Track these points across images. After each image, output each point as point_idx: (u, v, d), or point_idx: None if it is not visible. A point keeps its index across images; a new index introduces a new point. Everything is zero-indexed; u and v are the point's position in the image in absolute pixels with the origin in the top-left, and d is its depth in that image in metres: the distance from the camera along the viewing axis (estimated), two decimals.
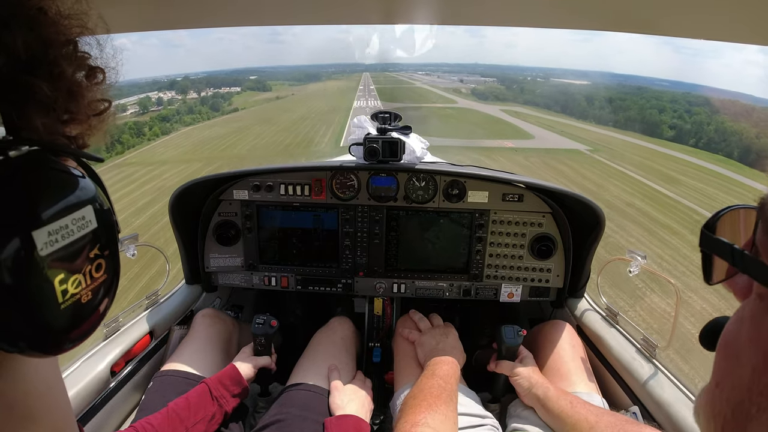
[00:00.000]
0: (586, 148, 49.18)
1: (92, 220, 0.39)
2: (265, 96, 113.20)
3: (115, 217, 0.43)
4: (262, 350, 1.43)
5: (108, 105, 0.44)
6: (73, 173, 0.39)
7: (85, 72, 0.41)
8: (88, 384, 1.20)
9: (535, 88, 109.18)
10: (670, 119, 70.62)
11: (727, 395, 0.35)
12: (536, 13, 0.98)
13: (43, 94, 0.36)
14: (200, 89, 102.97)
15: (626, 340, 1.42)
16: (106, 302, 0.42)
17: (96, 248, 0.39)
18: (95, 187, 0.40)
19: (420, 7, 1.03)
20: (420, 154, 1.61)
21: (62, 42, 0.38)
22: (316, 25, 1.19)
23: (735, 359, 0.35)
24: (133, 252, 1.45)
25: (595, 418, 1.06)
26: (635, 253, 1.41)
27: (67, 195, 0.37)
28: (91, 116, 0.42)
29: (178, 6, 0.92)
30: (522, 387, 1.27)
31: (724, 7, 0.72)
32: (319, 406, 1.27)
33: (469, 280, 1.74)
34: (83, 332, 0.39)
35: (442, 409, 1.01)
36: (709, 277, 0.40)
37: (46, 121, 0.37)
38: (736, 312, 0.37)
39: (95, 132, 0.44)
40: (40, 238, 0.33)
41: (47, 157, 0.37)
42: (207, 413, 1.17)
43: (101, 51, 0.42)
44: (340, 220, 1.70)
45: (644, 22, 0.93)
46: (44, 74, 0.36)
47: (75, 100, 0.40)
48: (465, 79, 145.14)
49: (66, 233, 0.36)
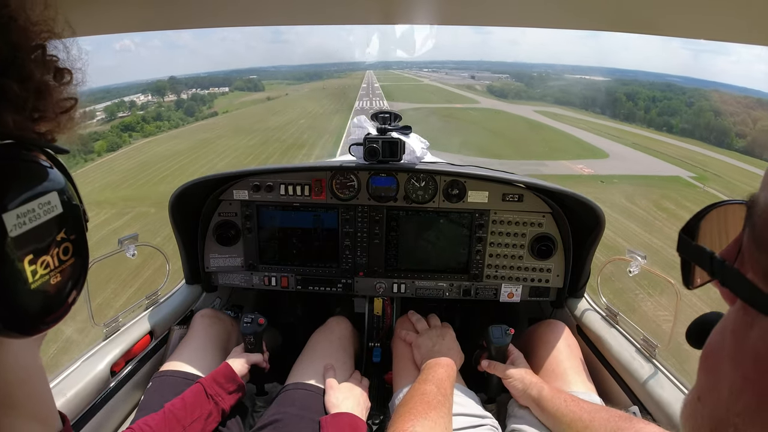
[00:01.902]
0: (689, 174, 36.81)
1: (57, 205, 0.42)
2: (255, 97, 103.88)
3: (82, 206, 0.46)
4: (252, 348, 1.44)
5: (74, 102, 0.47)
6: (40, 163, 0.42)
7: (53, 73, 0.44)
8: (88, 384, 1.20)
9: (553, 84, 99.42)
10: (733, 125, 60.39)
11: (708, 411, 0.34)
12: (536, 13, 0.98)
13: (14, 93, 0.39)
14: (180, 91, 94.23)
15: (626, 340, 1.42)
16: (77, 285, 0.45)
17: (62, 232, 0.42)
18: (62, 177, 0.43)
19: (420, 7, 1.03)
20: (420, 154, 1.61)
21: (32, 47, 0.41)
22: (316, 25, 1.19)
23: (716, 375, 0.34)
24: (133, 252, 1.45)
25: (589, 416, 1.07)
26: (635, 253, 1.40)
27: (35, 182, 0.40)
28: (59, 114, 0.45)
29: (178, 6, 0.92)
30: (516, 389, 1.27)
31: (724, 7, 0.71)
32: (317, 405, 1.27)
33: (469, 280, 1.74)
34: (56, 314, 0.42)
35: (432, 415, 1.01)
36: (688, 282, 0.38)
37: (17, 118, 0.40)
38: (722, 320, 0.35)
39: (64, 129, 0.47)
40: (9, 220, 0.36)
41: (17, 149, 0.40)
42: (203, 412, 1.17)
43: (68, 53, 0.46)
44: (340, 220, 1.70)
45: (644, 22, 0.93)
46: (15, 76, 0.39)
47: (44, 99, 0.43)
48: (477, 75, 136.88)
49: (33, 216, 0.38)
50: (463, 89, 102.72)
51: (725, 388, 0.32)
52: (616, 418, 1.04)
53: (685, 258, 0.38)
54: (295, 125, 59.79)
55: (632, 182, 32.33)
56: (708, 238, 0.38)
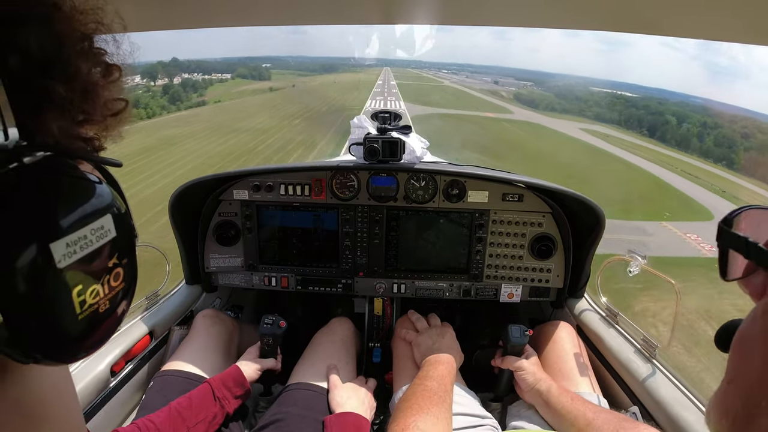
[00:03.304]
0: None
1: (111, 229, 0.37)
2: (256, 86, 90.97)
3: (132, 221, 0.42)
4: (269, 350, 1.43)
5: (125, 104, 0.42)
6: (90, 179, 0.37)
7: (101, 69, 0.39)
8: (88, 384, 1.20)
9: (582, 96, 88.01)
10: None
11: (739, 391, 0.35)
12: (536, 13, 0.98)
13: (59, 96, 0.34)
14: (174, 75, 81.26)
15: (626, 340, 1.42)
16: (123, 308, 0.41)
17: (114, 257, 0.38)
18: (113, 193, 0.39)
19: (420, 7, 1.03)
20: (420, 154, 1.61)
21: (77, 38, 0.36)
22: (316, 25, 1.19)
23: (748, 355, 0.36)
24: None
25: (592, 415, 1.07)
26: (635, 253, 1.40)
27: (86, 203, 0.35)
28: (107, 116, 0.41)
29: (178, 5, 0.92)
30: (526, 382, 1.28)
31: (724, 7, 0.71)
32: (319, 405, 1.27)
33: (469, 280, 1.74)
34: (100, 340, 0.39)
35: (433, 411, 1.01)
36: (724, 273, 0.40)
37: (62, 124, 0.36)
38: (751, 311, 0.37)
39: (111, 132, 0.43)
40: (58, 250, 0.32)
41: (63, 162, 0.36)
42: (209, 414, 1.17)
43: (118, 48, 0.41)
44: (340, 220, 1.70)
45: (644, 22, 0.93)
46: (59, 74, 0.35)
47: (91, 99, 0.38)
48: (500, 80, 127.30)
49: (84, 244, 0.34)
50: (488, 95, 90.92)
51: (757, 365, 0.33)
52: (619, 419, 1.04)
53: (723, 247, 0.40)
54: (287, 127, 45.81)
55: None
56: (744, 231, 0.39)
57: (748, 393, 0.34)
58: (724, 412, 0.37)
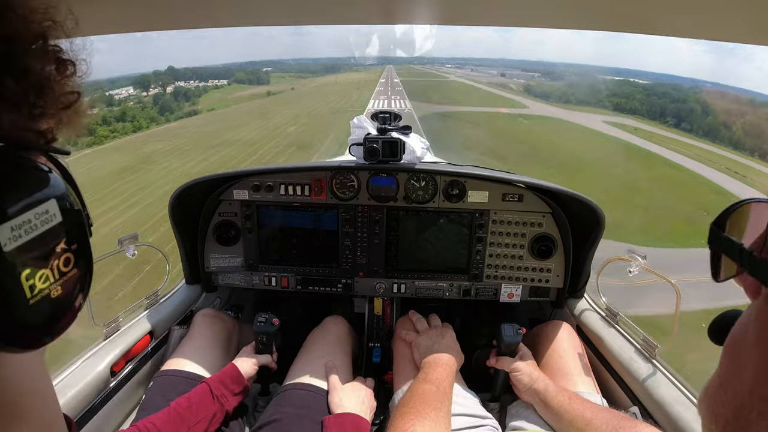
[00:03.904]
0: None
1: (57, 214, 0.38)
2: (253, 91, 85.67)
3: (86, 211, 0.43)
4: (263, 348, 1.44)
5: (78, 96, 0.43)
6: (38, 168, 0.38)
7: (55, 65, 0.40)
8: (88, 384, 1.20)
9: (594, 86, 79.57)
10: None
11: (730, 398, 0.35)
12: (536, 13, 0.98)
13: (10, 91, 0.35)
14: (167, 84, 77.36)
15: (626, 341, 1.42)
16: (79, 296, 0.42)
17: (62, 242, 0.39)
18: (62, 181, 0.40)
19: (420, 7, 1.03)
20: (420, 154, 1.61)
21: (31, 38, 0.37)
22: (316, 25, 1.19)
23: (739, 362, 0.35)
24: (132, 252, 1.45)
25: (591, 414, 1.07)
26: (635, 253, 1.40)
27: (30, 190, 0.36)
28: (61, 110, 0.42)
29: (178, 6, 0.92)
30: (522, 382, 1.27)
31: (724, 7, 0.71)
32: (316, 405, 1.27)
33: (469, 280, 1.74)
34: (58, 327, 0.39)
35: (432, 415, 1.01)
36: (717, 275, 0.39)
37: (13, 118, 0.37)
38: (745, 312, 0.36)
39: (68, 125, 0.44)
40: (3, 233, 0.33)
41: (11, 153, 0.37)
42: (208, 413, 1.17)
43: (71, 43, 0.42)
44: (340, 220, 1.70)
45: (644, 22, 0.93)
46: (11, 70, 0.36)
47: (44, 94, 0.39)
48: (507, 72, 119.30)
49: (29, 228, 0.35)
50: (497, 88, 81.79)
51: (749, 375, 0.32)
52: (618, 418, 1.04)
53: (715, 250, 0.39)
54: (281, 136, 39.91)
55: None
56: (736, 232, 0.38)
57: (740, 404, 0.33)
58: (715, 416, 0.36)
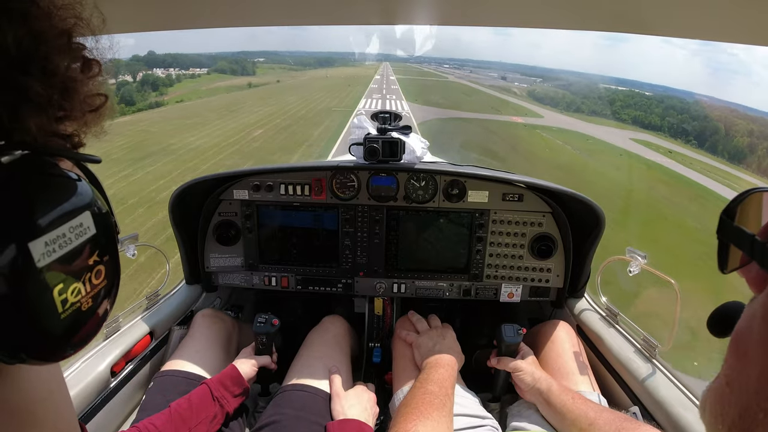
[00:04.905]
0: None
1: (90, 227, 0.37)
2: (234, 82, 75.60)
3: (113, 219, 0.41)
4: (263, 349, 1.43)
5: (105, 99, 0.42)
6: (69, 177, 0.37)
7: (80, 65, 0.39)
8: (89, 384, 1.20)
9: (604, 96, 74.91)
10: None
11: (736, 397, 0.34)
12: (536, 13, 0.98)
13: (36, 93, 0.34)
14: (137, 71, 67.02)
15: (626, 340, 1.42)
16: (106, 306, 0.41)
17: (95, 255, 0.38)
18: (92, 190, 0.39)
19: (420, 7, 1.03)
20: (420, 154, 1.61)
21: (55, 34, 0.36)
22: (316, 25, 1.19)
23: (745, 360, 0.34)
24: (133, 252, 1.45)
25: (594, 414, 1.07)
26: (635, 253, 1.40)
27: (64, 201, 0.35)
28: (86, 112, 0.40)
29: (177, 5, 0.92)
30: (524, 382, 1.27)
31: (724, 8, 0.71)
32: (315, 406, 1.27)
33: (469, 280, 1.74)
34: (84, 338, 0.39)
35: (434, 415, 1.01)
36: (724, 266, 0.38)
37: (40, 121, 0.35)
38: (749, 305, 0.35)
39: (91, 128, 0.42)
40: (37, 248, 0.32)
41: (42, 161, 0.35)
42: (209, 414, 1.17)
43: (96, 42, 0.40)
44: (340, 220, 1.70)
45: (644, 22, 0.93)
46: (37, 71, 0.34)
47: (70, 96, 0.38)
48: (509, 76, 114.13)
49: (64, 242, 0.34)
50: (501, 92, 73.92)
51: (755, 374, 0.32)
52: (621, 419, 1.04)
53: (724, 240, 0.38)
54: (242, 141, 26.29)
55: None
56: (746, 221, 0.37)
57: (746, 403, 0.32)
58: (720, 416, 0.36)
